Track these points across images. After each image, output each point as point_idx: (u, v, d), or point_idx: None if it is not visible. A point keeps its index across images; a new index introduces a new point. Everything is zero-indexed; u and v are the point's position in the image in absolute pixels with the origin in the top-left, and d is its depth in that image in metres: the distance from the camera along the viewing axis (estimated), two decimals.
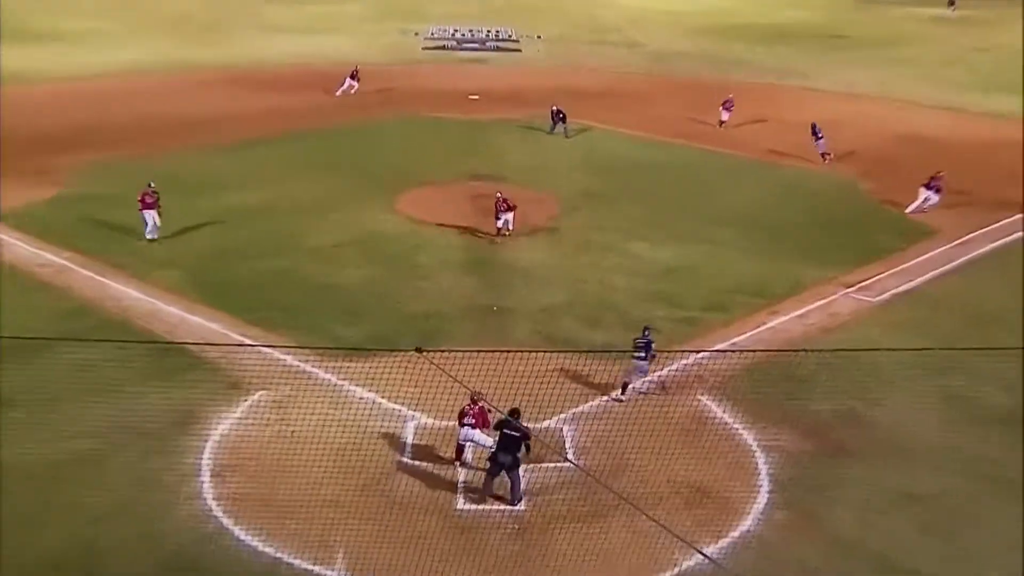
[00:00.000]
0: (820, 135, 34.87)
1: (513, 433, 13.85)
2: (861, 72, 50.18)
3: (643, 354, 16.92)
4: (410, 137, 37.57)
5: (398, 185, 30.31)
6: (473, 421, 14.56)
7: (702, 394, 17.20)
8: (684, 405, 16.76)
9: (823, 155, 34.68)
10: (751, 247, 25.56)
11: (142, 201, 24.50)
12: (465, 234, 25.74)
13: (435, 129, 39.05)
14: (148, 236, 24.52)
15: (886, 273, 23.67)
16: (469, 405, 14.51)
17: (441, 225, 26.45)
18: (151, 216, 24.55)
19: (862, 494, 14.73)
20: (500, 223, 24.95)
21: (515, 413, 13.97)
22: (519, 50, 57.36)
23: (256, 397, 16.58)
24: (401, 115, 40.84)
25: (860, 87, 47.11)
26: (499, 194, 25.10)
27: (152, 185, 24.68)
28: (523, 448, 14.06)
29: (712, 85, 45.73)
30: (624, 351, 16.50)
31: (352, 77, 43.92)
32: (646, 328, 17.32)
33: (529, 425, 14.52)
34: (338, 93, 43.46)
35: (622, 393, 17.10)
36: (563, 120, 37.91)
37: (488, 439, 14.47)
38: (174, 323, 19.63)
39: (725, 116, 39.37)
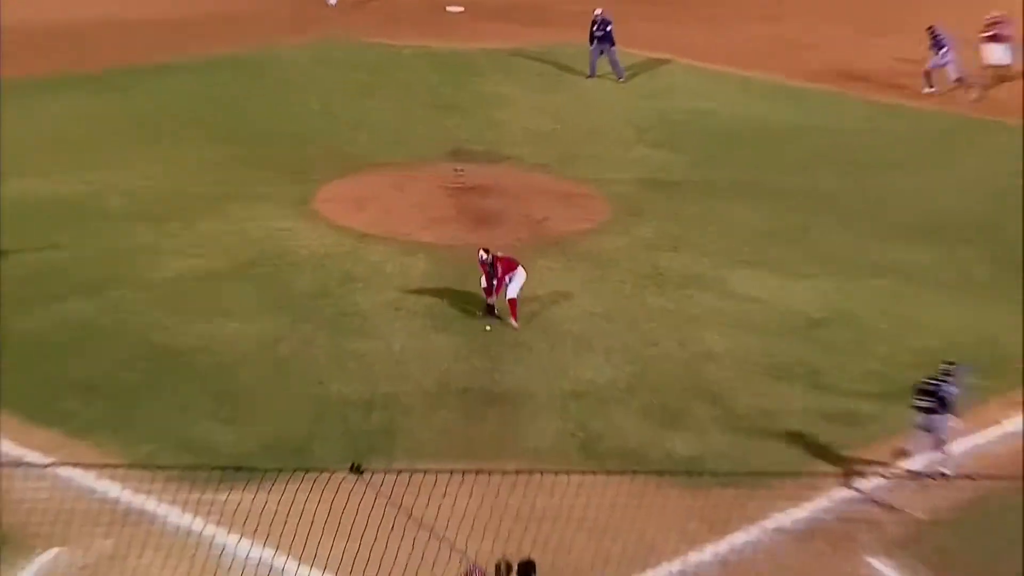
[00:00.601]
0: (944, 45, 35.16)
1: None
2: None
3: (931, 401, 18.02)
4: (341, 82, 37.77)
5: (319, 168, 30.52)
6: None
7: (873, 552, 17.25)
8: (842, 570, 16.86)
9: (957, 80, 35.35)
10: (965, 282, 25.51)
11: None
12: (436, 256, 25.73)
13: (385, 67, 39.23)
14: None
15: None
16: None
17: (393, 240, 26.50)
18: None
19: None
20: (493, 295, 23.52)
21: (529, 568, 14.23)
22: None
23: (48, 559, 16.39)
24: (324, 41, 40.92)
25: None
26: (483, 253, 23.43)
27: None
28: None
29: None
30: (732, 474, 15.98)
31: None
32: (951, 363, 18.48)
33: None
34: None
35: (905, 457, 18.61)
36: (611, 44, 38.01)
37: None
38: None
39: (998, 56, 37.35)
